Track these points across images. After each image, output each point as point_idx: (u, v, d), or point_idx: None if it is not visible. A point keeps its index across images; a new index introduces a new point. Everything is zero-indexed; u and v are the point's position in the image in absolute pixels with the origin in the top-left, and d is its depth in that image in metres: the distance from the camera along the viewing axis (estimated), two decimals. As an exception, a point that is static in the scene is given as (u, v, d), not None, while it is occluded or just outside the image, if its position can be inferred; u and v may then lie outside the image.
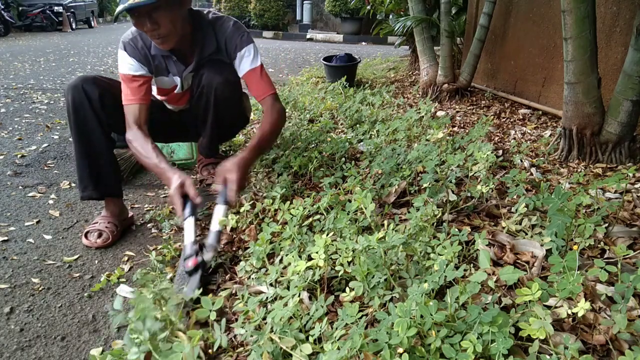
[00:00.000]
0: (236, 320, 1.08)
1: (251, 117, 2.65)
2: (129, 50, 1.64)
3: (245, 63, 1.74)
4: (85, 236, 1.68)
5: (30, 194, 2.10)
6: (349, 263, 1.09)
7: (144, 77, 1.65)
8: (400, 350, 0.77)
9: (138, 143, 1.57)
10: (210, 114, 1.85)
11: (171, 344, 0.90)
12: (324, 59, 4.28)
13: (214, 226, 1.36)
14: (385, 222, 1.27)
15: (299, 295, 1.02)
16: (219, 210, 1.38)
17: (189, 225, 1.36)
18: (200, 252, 1.29)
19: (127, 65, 1.63)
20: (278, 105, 1.73)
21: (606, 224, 1.28)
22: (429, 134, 2.11)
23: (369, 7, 4.79)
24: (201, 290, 1.15)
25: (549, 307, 0.90)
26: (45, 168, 2.44)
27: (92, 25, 15.27)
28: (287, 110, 3.10)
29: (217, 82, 1.73)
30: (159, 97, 1.91)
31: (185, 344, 0.88)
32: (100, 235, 1.68)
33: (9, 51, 7.73)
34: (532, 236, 1.27)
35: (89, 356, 1.13)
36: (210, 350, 1.00)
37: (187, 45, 1.69)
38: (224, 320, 1.01)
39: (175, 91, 1.83)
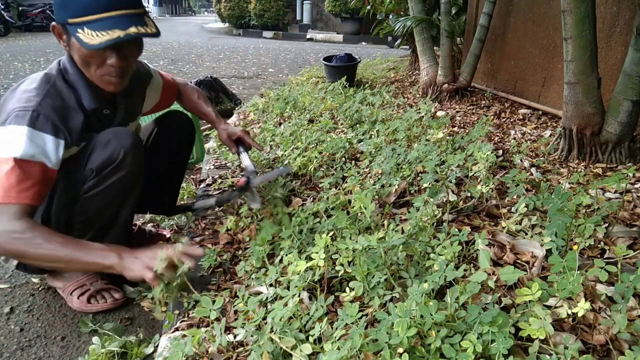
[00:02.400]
0: (236, 320, 1.08)
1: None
2: (50, 122, 1.13)
3: (158, 81, 1.56)
4: (88, 301, 1.34)
5: (30, 194, 2.10)
6: (349, 263, 1.09)
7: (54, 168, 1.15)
8: (400, 350, 0.77)
9: (42, 234, 1.11)
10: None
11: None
12: (324, 59, 4.28)
13: (248, 163, 1.64)
14: (385, 222, 1.27)
15: (299, 295, 1.02)
16: (245, 155, 1.68)
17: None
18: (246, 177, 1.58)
19: (41, 148, 1.11)
20: (183, 81, 1.73)
21: (606, 224, 1.28)
22: (429, 134, 2.11)
23: (369, 7, 4.79)
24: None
25: (549, 307, 0.90)
26: (45, 168, 2.44)
27: (92, 25, 15.25)
28: (287, 110, 3.10)
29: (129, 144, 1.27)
30: None
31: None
32: (109, 292, 1.38)
33: (9, 51, 7.73)
34: (532, 236, 1.27)
35: (89, 349, 1.14)
36: (210, 350, 1.00)
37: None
38: (224, 320, 1.01)
39: None
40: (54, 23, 1.17)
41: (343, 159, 2.01)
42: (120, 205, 1.32)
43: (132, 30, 1.10)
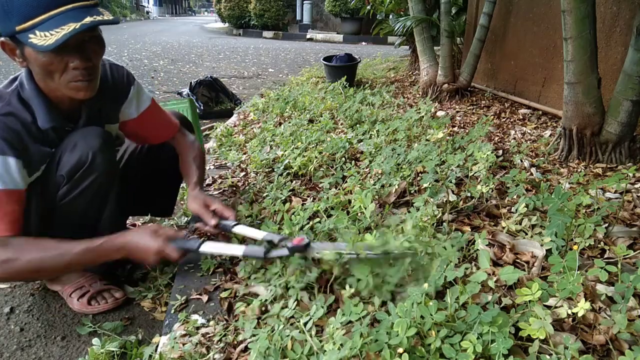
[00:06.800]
0: (236, 320, 1.08)
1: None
2: (7, 143, 1.06)
3: (144, 99, 1.40)
4: (89, 302, 1.33)
5: (30, 194, 2.10)
6: (349, 263, 1.09)
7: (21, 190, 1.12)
8: (400, 350, 0.77)
9: (40, 247, 1.13)
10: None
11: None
12: (324, 59, 4.28)
13: (261, 235, 1.25)
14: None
15: (299, 295, 1.02)
16: (243, 226, 1.34)
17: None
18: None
19: (3, 172, 1.06)
20: (193, 137, 1.54)
21: (606, 224, 1.28)
22: (429, 134, 2.11)
23: (369, 7, 4.79)
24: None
25: (549, 307, 0.90)
26: (45, 168, 2.44)
27: (92, 25, 15.22)
28: (287, 110, 3.10)
29: (97, 148, 1.19)
30: None
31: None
32: (110, 292, 1.37)
33: (9, 51, 7.72)
34: (532, 236, 1.27)
35: (89, 349, 1.14)
36: (210, 350, 1.00)
37: (78, 102, 1.21)
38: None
39: None
40: (1, 39, 1.05)
41: (343, 159, 2.01)
42: (100, 205, 1.28)
43: (88, 19, 1.00)
